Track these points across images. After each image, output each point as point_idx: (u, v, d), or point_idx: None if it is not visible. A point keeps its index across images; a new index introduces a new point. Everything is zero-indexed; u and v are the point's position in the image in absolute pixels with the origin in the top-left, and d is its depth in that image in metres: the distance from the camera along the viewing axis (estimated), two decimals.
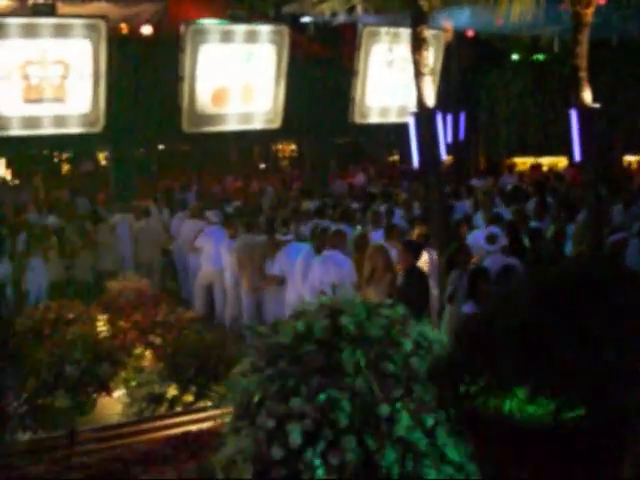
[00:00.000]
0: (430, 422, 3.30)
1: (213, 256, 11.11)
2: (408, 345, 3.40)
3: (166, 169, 22.56)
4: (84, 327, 7.23)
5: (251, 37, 16.82)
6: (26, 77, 15.01)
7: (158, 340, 7.05)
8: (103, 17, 15.57)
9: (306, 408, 3.16)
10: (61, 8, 15.93)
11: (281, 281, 9.46)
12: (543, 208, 11.38)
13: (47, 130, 15.53)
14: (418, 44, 9.19)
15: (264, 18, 17.39)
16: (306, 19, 16.29)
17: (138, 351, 6.94)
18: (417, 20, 9.32)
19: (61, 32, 15.15)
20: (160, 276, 13.00)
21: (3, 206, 16.00)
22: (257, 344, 3.55)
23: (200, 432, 4.82)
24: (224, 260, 10.80)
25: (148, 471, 4.57)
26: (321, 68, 18.43)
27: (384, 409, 3.23)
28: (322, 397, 3.19)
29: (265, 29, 16.97)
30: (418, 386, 3.36)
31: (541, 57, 20.06)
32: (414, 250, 8.06)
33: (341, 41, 19.84)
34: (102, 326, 7.62)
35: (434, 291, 8.58)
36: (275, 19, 17.05)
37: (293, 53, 17.34)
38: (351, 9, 12.55)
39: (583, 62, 8.98)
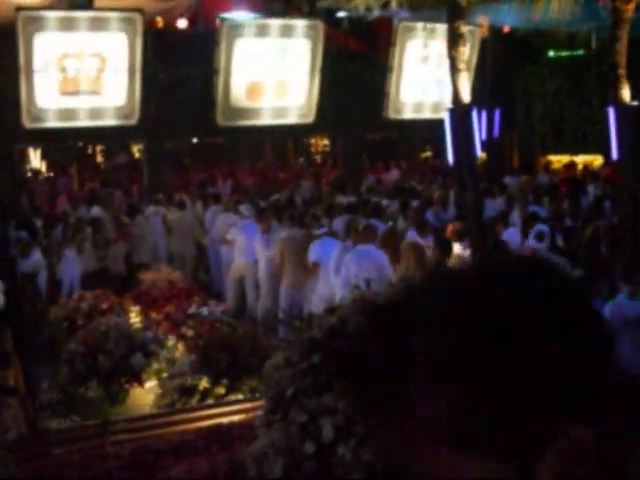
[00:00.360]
0: None
1: (246, 249, 11.15)
2: None
3: (199, 162, 22.72)
4: (117, 318, 7.29)
5: (286, 32, 16.82)
6: (63, 70, 15.14)
7: (190, 332, 7.09)
8: (139, 10, 15.65)
9: (339, 403, 3.15)
10: (98, 1, 16.05)
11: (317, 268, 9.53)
12: (577, 207, 11.27)
13: (83, 122, 15.66)
14: (455, 40, 9.13)
15: (299, 13, 17.40)
16: (341, 14, 16.26)
17: (170, 343, 6.98)
18: (454, 16, 9.26)
19: (98, 25, 15.26)
20: (193, 269, 13.11)
21: (38, 197, 16.21)
22: (291, 338, 3.55)
23: (231, 424, 4.83)
24: (257, 253, 10.84)
25: (180, 462, 4.59)
26: (355, 63, 18.38)
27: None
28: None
29: (300, 24, 16.96)
30: None
31: (578, 53, 19.83)
32: (443, 247, 8.04)
33: (376, 36, 19.78)
34: (135, 317, 7.67)
35: None
36: (310, 14, 17.05)
37: (328, 48, 17.31)
38: (386, 4, 12.50)
39: (622, 59, 8.86)
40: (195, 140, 22.35)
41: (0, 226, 11.84)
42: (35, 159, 22.26)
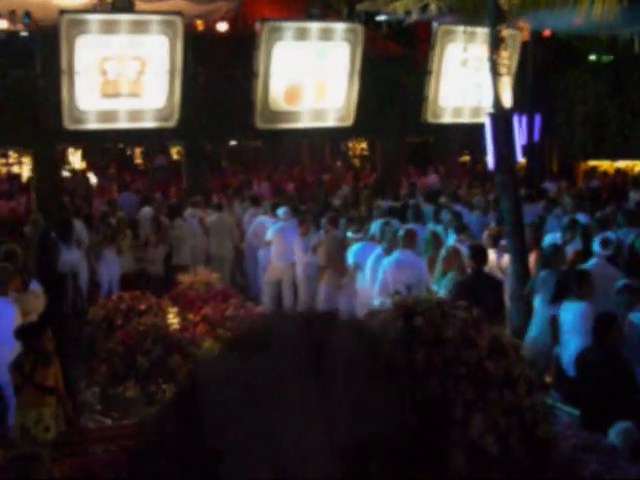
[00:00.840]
0: (504, 427, 3.25)
1: (283, 252, 11.18)
2: (483, 348, 3.35)
3: (237, 165, 22.82)
4: (155, 319, 7.33)
5: (325, 35, 16.82)
6: (104, 72, 15.28)
7: (227, 334, 7.10)
8: (179, 14, 15.76)
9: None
10: (139, 5, 16.20)
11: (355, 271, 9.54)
12: (619, 214, 11.11)
13: (123, 124, 15.81)
14: (496, 44, 9.06)
15: (338, 16, 17.40)
16: (380, 17, 16.23)
17: (207, 344, 7.00)
18: (496, 19, 9.19)
19: (139, 29, 15.38)
20: (230, 271, 13.14)
21: (78, 198, 16.38)
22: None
23: None
24: (295, 256, 10.85)
25: None
26: (394, 66, 18.34)
27: (457, 412, 3.19)
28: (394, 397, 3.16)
29: (339, 27, 16.95)
30: (492, 389, 3.30)
31: (620, 57, 19.58)
32: (478, 254, 7.97)
33: (415, 40, 19.71)
34: (172, 318, 7.71)
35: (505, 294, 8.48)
36: (349, 17, 17.03)
37: (366, 51, 17.29)
38: (425, 7, 12.45)
39: None
40: (233, 143, 22.46)
41: (41, 227, 12.02)
42: (75, 160, 22.54)
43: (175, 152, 22.93)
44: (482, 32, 12.65)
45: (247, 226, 13.08)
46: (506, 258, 9.10)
